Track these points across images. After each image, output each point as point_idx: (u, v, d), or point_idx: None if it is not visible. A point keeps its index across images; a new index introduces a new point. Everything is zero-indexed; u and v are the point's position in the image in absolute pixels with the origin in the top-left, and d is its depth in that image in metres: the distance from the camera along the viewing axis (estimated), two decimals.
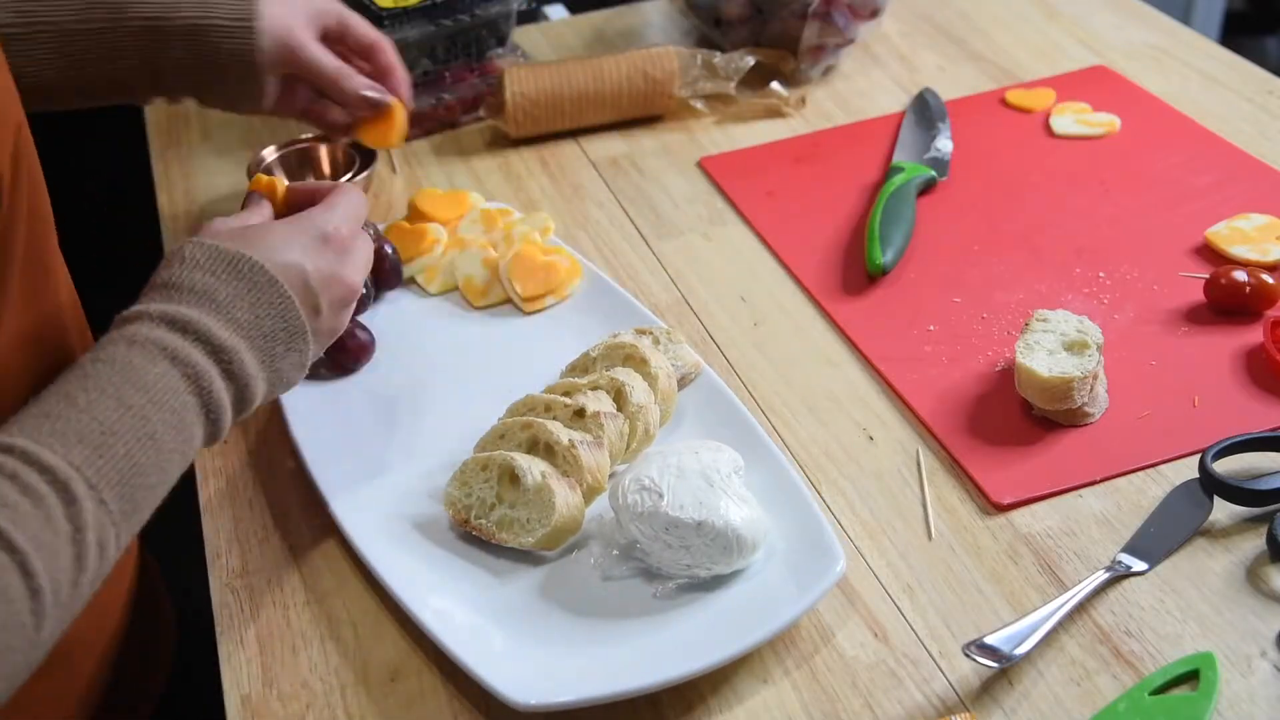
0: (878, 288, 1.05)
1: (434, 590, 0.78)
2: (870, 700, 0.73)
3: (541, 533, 0.78)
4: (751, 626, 0.74)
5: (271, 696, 0.75)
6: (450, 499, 0.82)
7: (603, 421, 0.84)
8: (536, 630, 0.76)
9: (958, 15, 1.46)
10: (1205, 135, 1.21)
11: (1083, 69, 1.34)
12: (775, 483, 0.83)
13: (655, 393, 0.88)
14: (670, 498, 0.77)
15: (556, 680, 0.72)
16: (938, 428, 0.90)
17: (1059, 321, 0.92)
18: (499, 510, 0.81)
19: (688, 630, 0.75)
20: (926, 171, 1.15)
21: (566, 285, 1.03)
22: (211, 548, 0.85)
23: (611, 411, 0.85)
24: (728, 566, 0.77)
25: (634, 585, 0.79)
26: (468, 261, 1.05)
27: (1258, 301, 0.97)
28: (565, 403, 0.85)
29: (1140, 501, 0.84)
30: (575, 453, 0.81)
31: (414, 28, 1.23)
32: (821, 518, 0.79)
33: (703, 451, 0.80)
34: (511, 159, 1.25)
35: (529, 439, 0.84)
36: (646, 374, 0.88)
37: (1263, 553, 0.80)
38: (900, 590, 0.80)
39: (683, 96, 1.28)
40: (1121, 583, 0.79)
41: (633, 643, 0.75)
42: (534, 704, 0.70)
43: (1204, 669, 0.72)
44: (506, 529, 0.80)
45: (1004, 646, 0.72)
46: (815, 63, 1.33)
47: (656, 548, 0.77)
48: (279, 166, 1.17)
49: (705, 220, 1.15)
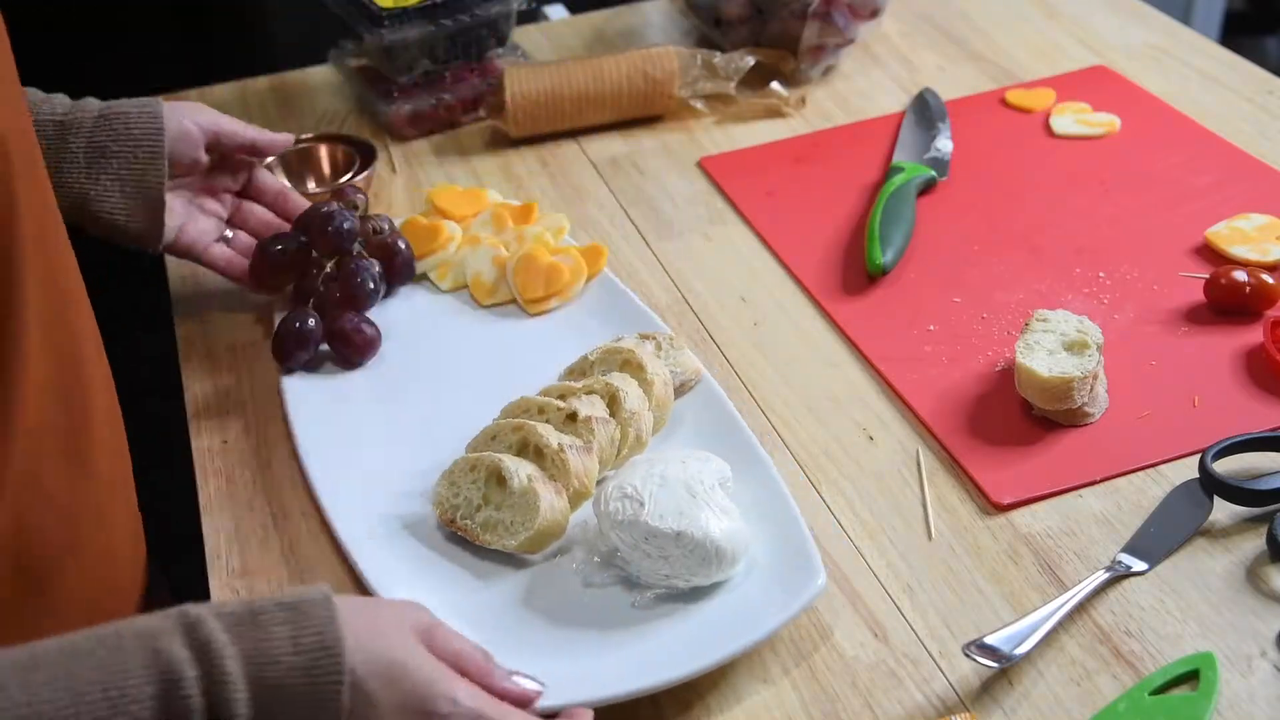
0: (878, 288, 1.05)
1: (415, 592, 0.78)
2: (870, 700, 0.73)
3: (525, 536, 0.78)
4: (726, 640, 0.73)
5: None
6: (438, 498, 0.82)
7: (594, 427, 0.83)
8: (512, 635, 0.76)
9: (958, 15, 1.46)
10: (1205, 135, 1.21)
11: (1083, 69, 1.34)
12: (763, 495, 0.82)
13: (650, 399, 0.88)
14: (651, 507, 0.76)
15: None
16: (938, 428, 0.90)
17: (1059, 321, 0.92)
18: (485, 512, 0.80)
19: (663, 641, 0.75)
20: (926, 171, 1.15)
21: (571, 287, 1.03)
22: (211, 548, 0.85)
23: (604, 417, 0.85)
24: (706, 578, 0.77)
25: (614, 593, 0.79)
26: (478, 260, 1.05)
27: (1258, 301, 0.97)
28: (558, 406, 0.85)
29: (1140, 501, 0.84)
30: (564, 457, 0.81)
31: (414, 28, 1.23)
32: (807, 534, 0.79)
33: (689, 461, 0.80)
34: (512, 159, 1.25)
35: (519, 441, 0.84)
36: (642, 380, 0.88)
37: (1263, 553, 0.80)
38: (900, 590, 0.80)
39: (683, 97, 1.28)
40: (1121, 583, 0.79)
41: (608, 651, 0.75)
42: None
43: (1204, 669, 0.72)
44: (491, 531, 0.80)
45: (1004, 646, 0.72)
46: (815, 63, 1.33)
47: (636, 557, 0.77)
48: (279, 166, 1.17)
49: (705, 220, 1.15)
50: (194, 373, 1.00)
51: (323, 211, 0.99)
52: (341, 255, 1.00)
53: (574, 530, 0.82)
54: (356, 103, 1.34)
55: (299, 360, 0.95)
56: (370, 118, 1.32)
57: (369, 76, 1.30)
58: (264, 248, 0.99)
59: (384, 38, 1.22)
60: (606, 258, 1.06)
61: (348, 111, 1.34)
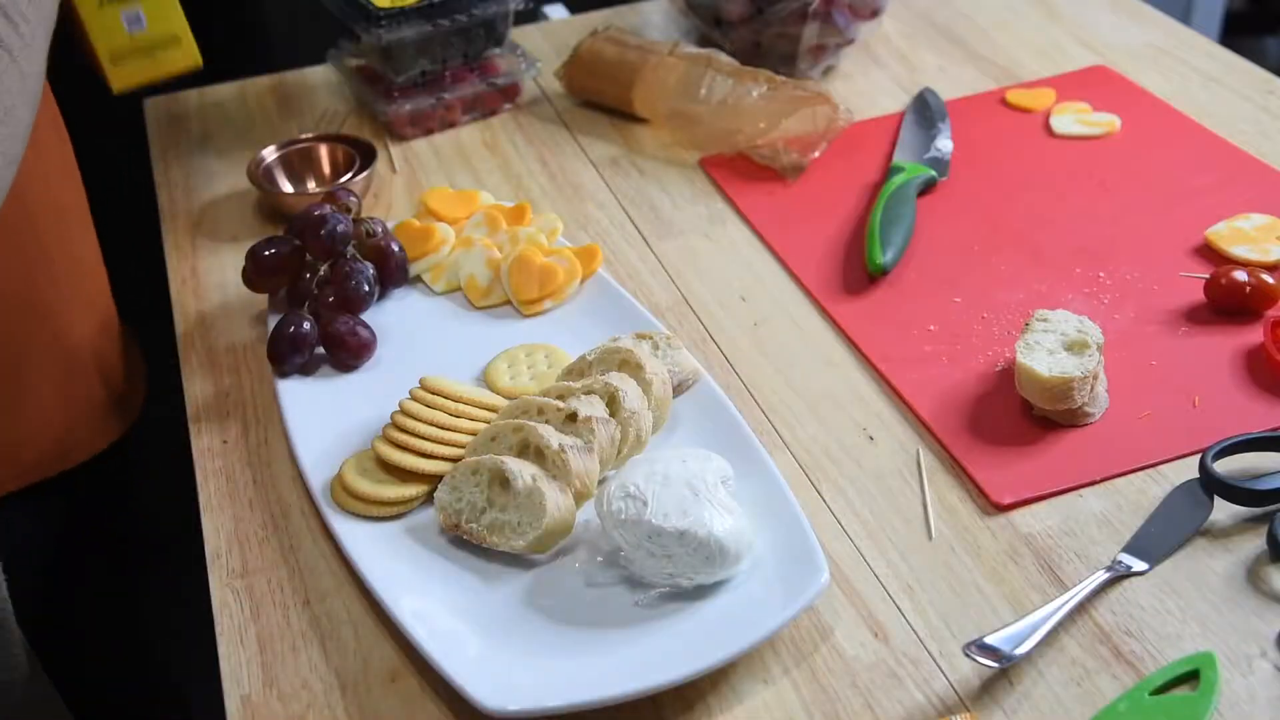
0: (878, 288, 1.05)
1: (416, 593, 0.78)
2: (870, 700, 0.73)
3: (533, 535, 0.78)
4: (731, 638, 0.73)
5: (271, 696, 0.75)
6: (441, 504, 0.82)
7: (594, 427, 0.83)
8: (515, 636, 0.76)
9: (958, 15, 1.46)
10: (1205, 135, 1.21)
11: (1083, 69, 1.34)
12: (764, 493, 0.82)
13: (649, 399, 0.88)
14: (654, 505, 0.76)
15: (526, 687, 0.72)
16: (938, 428, 0.90)
17: (1059, 321, 0.92)
18: (490, 514, 0.80)
19: (667, 640, 0.75)
20: (926, 171, 1.15)
21: (566, 288, 1.03)
22: (211, 548, 0.85)
23: (604, 417, 0.84)
24: (710, 576, 0.77)
25: (617, 593, 0.78)
26: (471, 261, 1.05)
27: (1258, 301, 0.97)
28: (558, 406, 0.85)
29: (1140, 501, 0.84)
30: (564, 457, 0.81)
31: (411, 28, 1.23)
32: (809, 531, 0.79)
33: (690, 460, 0.80)
34: (512, 159, 1.25)
35: (520, 442, 0.83)
36: (641, 380, 0.88)
37: (1263, 553, 0.80)
38: (900, 590, 0.80)
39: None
40: (1122, 583, 0.79)
41: (611, 651, 0.75)
42: (510, 710, 0.70)
43: (1204, 669, 0.72)
44: (497, 533, 0.80)
45: (1004, 646, 0.72)
46: (815, 63, 1.33)
47: (639, 555, 0.77)
48: (279, 166, 1.17)
49: (705, 220, 1.15)
50: (194, 373, 1.00)
51: (315, 215, 0.99)
52: (335, 258, 1.00)
53: (577, 530, 0.82)
54: (356, 103, 1.35)
55: (294, 364, 0.95)
56: (370, 118, 1.32)
57: (368, 76, 1.30)
58: (255, 251, 0.99)
59: (381, 38, 1.22)
60: (601, 258, 1.06)
61: (347, 111, 1.34)
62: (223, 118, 1.34)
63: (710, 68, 1.23)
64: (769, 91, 1.20)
